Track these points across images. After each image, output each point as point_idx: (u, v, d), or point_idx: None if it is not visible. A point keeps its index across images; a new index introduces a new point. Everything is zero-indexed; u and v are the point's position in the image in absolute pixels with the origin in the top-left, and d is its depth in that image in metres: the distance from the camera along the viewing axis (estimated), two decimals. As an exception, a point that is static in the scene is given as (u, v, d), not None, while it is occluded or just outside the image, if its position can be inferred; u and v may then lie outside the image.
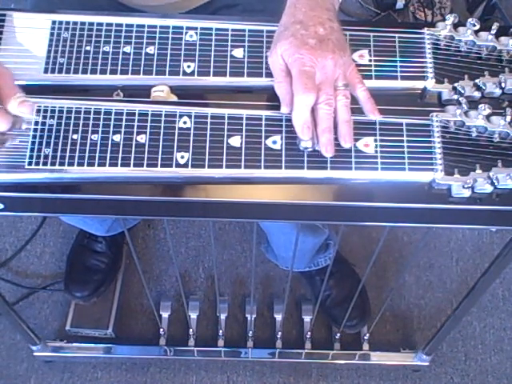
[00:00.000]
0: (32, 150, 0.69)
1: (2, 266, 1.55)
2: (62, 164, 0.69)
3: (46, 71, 0.74)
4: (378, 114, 0.71)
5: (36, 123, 0.70)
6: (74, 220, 1.32)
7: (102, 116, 0.71)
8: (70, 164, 0.69)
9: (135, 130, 0.70)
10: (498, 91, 0.74)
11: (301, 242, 1.26)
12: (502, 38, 0.77)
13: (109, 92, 0.74)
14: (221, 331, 1.40)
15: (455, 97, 0.74)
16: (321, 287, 1.22)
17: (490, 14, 1.83)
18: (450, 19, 0.77)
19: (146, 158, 0.69)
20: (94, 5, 0.83)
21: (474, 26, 0.76)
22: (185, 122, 0.71)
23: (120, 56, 0.74)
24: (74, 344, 1.41)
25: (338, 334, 1.40)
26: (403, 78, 0.75)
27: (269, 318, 1.47)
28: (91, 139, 0.70)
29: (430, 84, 0.75)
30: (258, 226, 1.36)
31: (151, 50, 0.75)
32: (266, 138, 0.71)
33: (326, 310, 1.44)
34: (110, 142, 0.70)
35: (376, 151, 0.71)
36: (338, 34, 0.70)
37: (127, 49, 0.75)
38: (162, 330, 1.39)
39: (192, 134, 0.71)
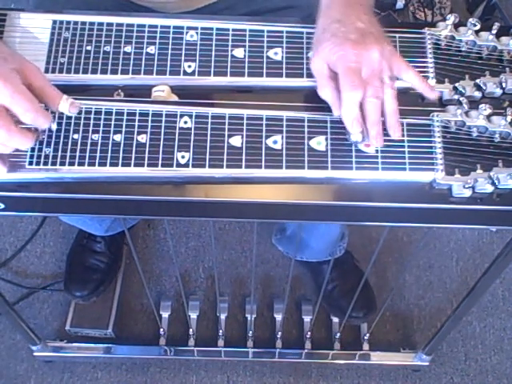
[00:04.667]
0: (33, 150, 0.69)
1: (2, 265, 1.54)
2: (62, 164, 0.69)
3: (46, 71, 0.74)
4: (438, 93, 0.73)
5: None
6: (73, 220, 1.32)
7: (102, 116, 0.71)
8: (71, 164, 0.69)
9: (136, 129, 0.70)
10: (498, 91, 0.74)
11: (335, 232, 1.27)
12: (503, 38, 0.77)
13: (109, 92, 0.74)
14: (221, 331, 1.40)
15: (456, 97, 0.74)
16: (326, 276, 1.21)
17: (489, 13, 1.83)
18: (451, 19, 0.77)
19: (146, 158, 0.69)
20: (99, 4, 0.83)
21: (475, 25, 0.77)
22: (185, 122, 0.71)
23: (121, 56, 0.74)
24: (74, 344, 1.40)
25: (338, 334, 1.40)
26: (404, 77, 0.75)
27: (269, 318, 1.47)
28: (92, 139, 0.70)
29: (431, 84, 0.75)
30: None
31: (152, 49, 0.75)
32: (267, 137, 0.71)
33: (332, 302, 1.43)
34: (110, 141, 0.70)
35: (377, 151, 0.71)
36: (378, 26, 0.71)
37: (128, 48, 0.75)
38: (162, 330, 1.39)
39: (193, 134, 0.71)
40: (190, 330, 1.40)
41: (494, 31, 0.77)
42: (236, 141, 0.71)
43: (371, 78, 0.68)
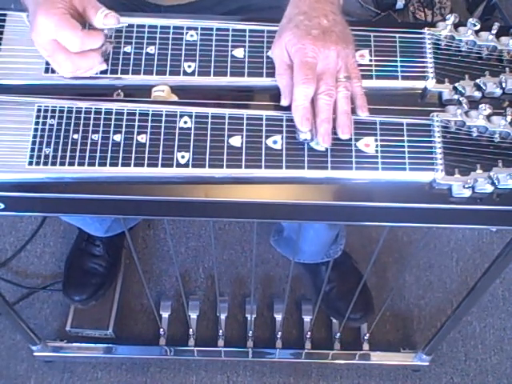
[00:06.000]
0: (32, 150, 0.69)
1: (2, 265, 1.54)
2: (62, 164, 0.69)
3: (46, 71, 0.74)
4: (366, 112, 0.72)
5: (36, 123, 0.70)
6: (74, 219, 1.31)
7: (102, 116, 0.71)
8: (71, 164, 0.69)
9: (136, 129, 0.70)
10: (498, 91, 0.74)
11: (325, 235, 1.26)
12: (503, 38, 0.77)
13: (109, 92, 0.74)
14: (221, 331, 1.40)
15: (456, 97, 0.74)
16: (325, 277, 1.21)
17: (489, 13, 1.83)
18: (451, 19, 0.77)
19: (146, 158, 0.69)
20: (101, 1, 0.83)
21: (475, 25, 0.77)
22: (185, 122, 0.71)
23: (121, 56, 0.74)
24: (74, 344, 1.41)
25: (338, 334, 1.39)
26: (404, 77, 0.75)
27: (269, 318, 1.47)
28: (92, 139, 0.70)
29: (431, 84, 0.75)
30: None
31: (152, 49, 0.75)
32: (267, 137, 0.71)
33: (330, 303, 1.43)
34: (110, 141, 0.70)
35: (376, 151, 0.71)
36: (342, 26, 0.71)
37: (128, 48, 0.75)
38: (162, 330, 1.39)
39: (192, 134, 0.71)
40: (190, 330, 1.40)
41: (493, 31, 0.77)
42: (236, 141, 0.71)
43: (325, 75, 0.69)
